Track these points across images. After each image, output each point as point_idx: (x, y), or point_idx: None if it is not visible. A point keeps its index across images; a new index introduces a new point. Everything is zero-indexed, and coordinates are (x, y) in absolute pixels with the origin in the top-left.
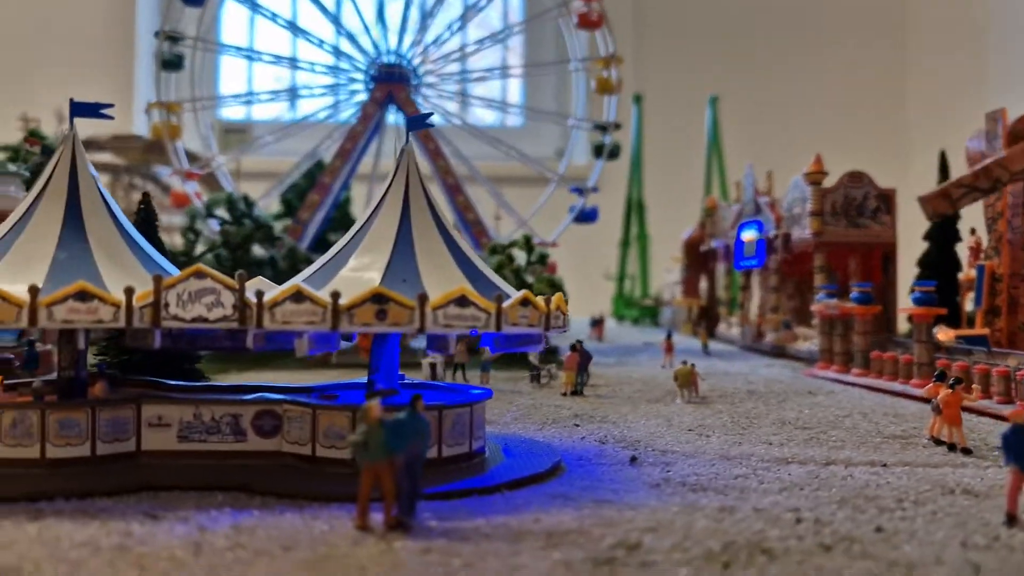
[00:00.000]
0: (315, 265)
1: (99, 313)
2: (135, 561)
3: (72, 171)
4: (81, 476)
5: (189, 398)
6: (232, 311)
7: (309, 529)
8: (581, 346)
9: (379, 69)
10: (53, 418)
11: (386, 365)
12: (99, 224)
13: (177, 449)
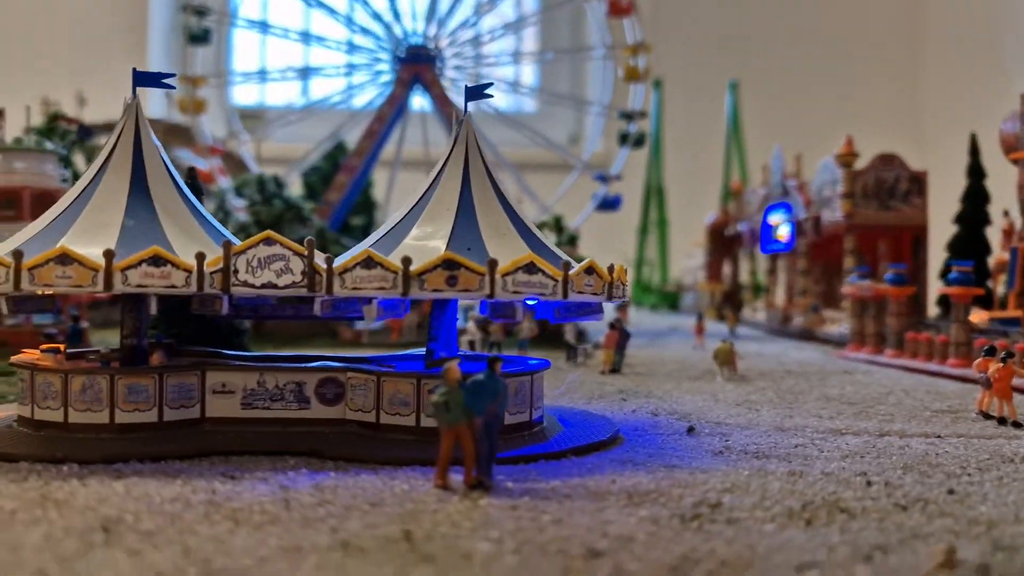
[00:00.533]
0: (377, 234)
1: (171, 278)
2: (228, 515)
3: (136, 140)
4: (149, 441)
5: (253, 365)
6: (301, 277)
7: (389, 488)
8: (620, 325)
9: (406, 50)
10: (122, 384)
11: (445, 333)
12: (164, 192)
13: (241, 416)
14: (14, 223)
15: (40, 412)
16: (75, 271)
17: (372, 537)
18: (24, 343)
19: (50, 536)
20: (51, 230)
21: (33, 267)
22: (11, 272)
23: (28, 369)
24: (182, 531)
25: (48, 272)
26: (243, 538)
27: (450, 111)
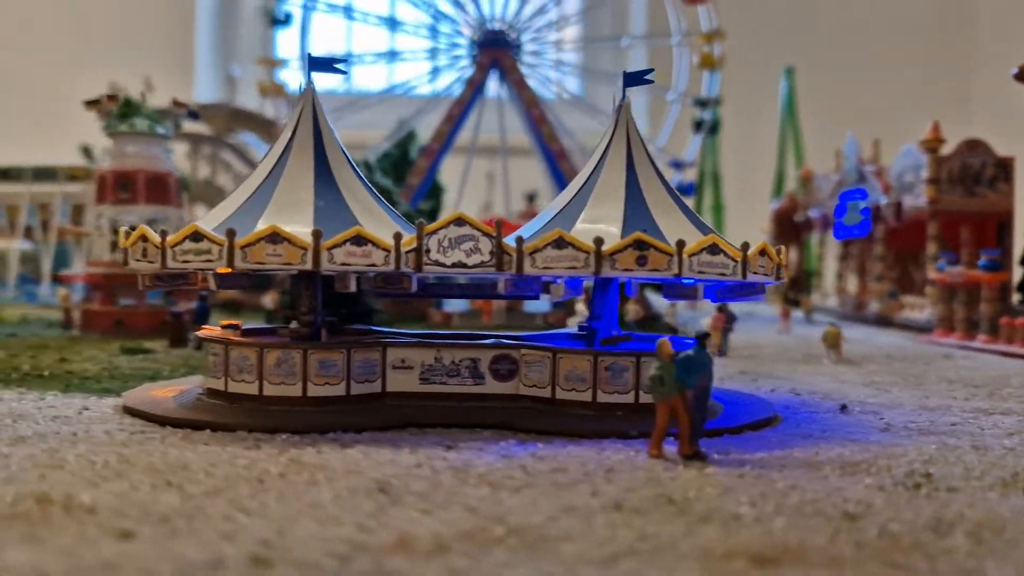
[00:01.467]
0: (543, 218)
1: (372, 257)
2: (480, 479)
3: (315, 124)
4: (338, 414)
5: (431, 342)
6: (489, 257)
7: (608, 458)
8: (727, 308)
9: (485, 35)
10: (314, 358)
11: (608, 312)
12: (346, 174)
13: (418, 391)
14: (129, 206)
15: (234, 385)
16: (285, 249)
17: (638, 499)
18: (139, 323)
19: (339, 496)
20: (247, 209)
21: (245, 245)
22: (225, 250)
23: (223, 344)
24: (450, 493)
25: (259, 250)
26: (515, 500)
27: (528, 96)
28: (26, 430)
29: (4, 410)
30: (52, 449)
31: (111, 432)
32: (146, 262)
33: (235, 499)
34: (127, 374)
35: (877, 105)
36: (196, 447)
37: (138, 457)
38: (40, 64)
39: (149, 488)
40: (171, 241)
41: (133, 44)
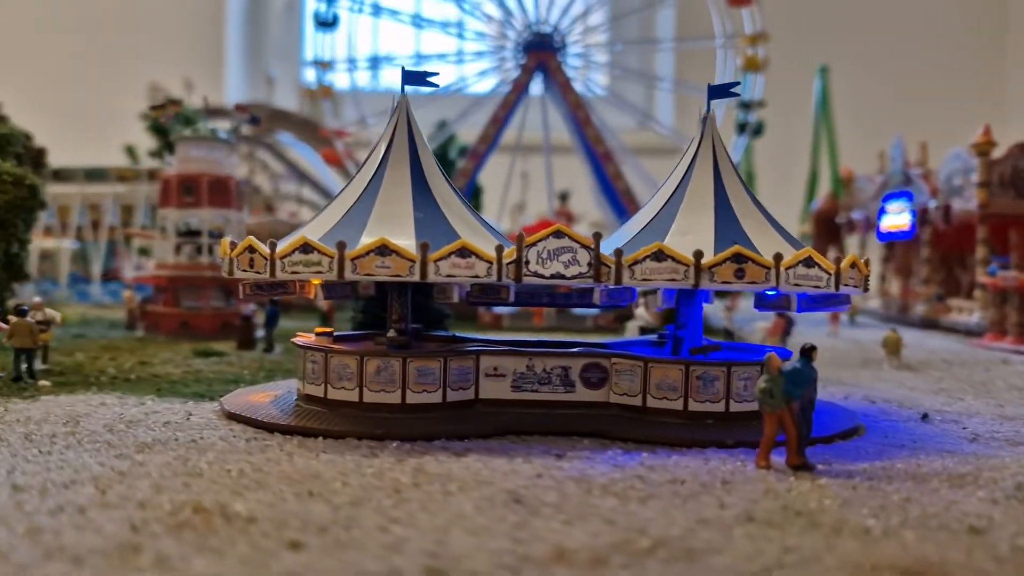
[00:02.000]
0: (633, 228)
1: (475, 268)
2: (603, 489)
3: (410, 136)
4: (439, 421)
5: (523, 351)
6: (587, 268)
7: (717, 469)
8: (786, 313)
9: (531, 37)
10: (413, 366)
11: (692, 322)
12: (441, 185)
13: (510, 398)
14: (193, 209)
15: (334, 392)
16: (393, 262)
17: (765, 511)
18: (204, 325)
19: (479, 507)
20: (349, 221)
21: (355, 257)
22: (335, 262)
23: (323, 352)
24: (581, 504)
25: (369, 263)
26: (645, 511)
27: (573, 99)
28: (145, 436)
29: (113, 415)
30: (182, 457)
31: (227, 439)
32: (253, 273)
33: (380, 509)
34: (211, 378)
35: (909, 105)
36: (317, 455)
37: (267, 465)
38: (80, 66)
39: (294, 498)
40: (280, 252)
41: (165, 44)
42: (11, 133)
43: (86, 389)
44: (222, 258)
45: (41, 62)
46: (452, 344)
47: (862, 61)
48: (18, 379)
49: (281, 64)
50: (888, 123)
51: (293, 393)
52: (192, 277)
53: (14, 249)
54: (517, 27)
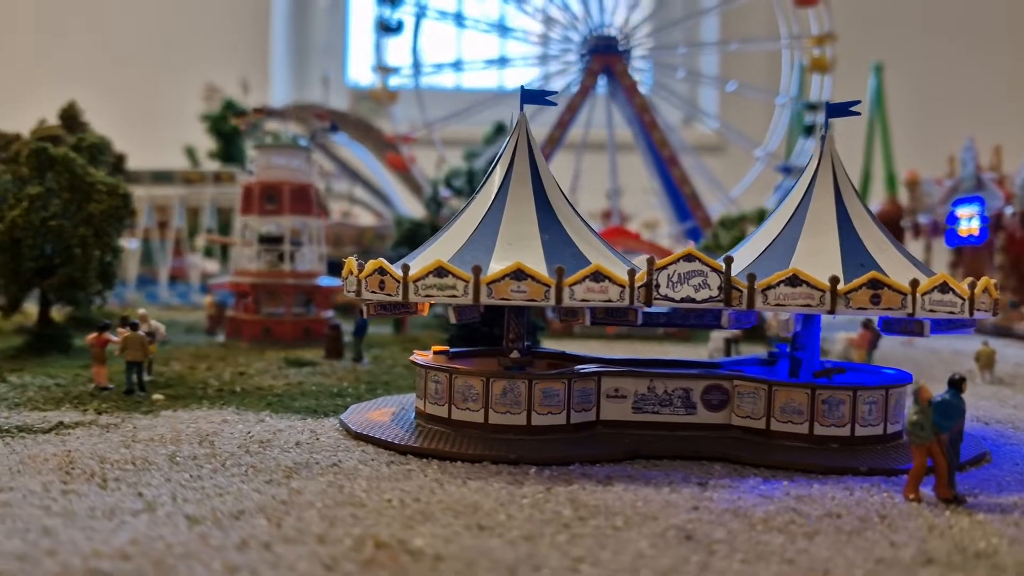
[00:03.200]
0: (753, 250)
1: (608, 292)
2: (766, 524)
3: (530, 155)
4: (564, 444)
5: (644, 371)
6: (718, 292)
7: (864, 500)
8: (872, 325)
9: (596, 41)
10: (538, 388)
11: (811, 344)
12: (563, 205)
13: (631, 420)
14: (275, 216)
15: (459, 413)
16: (529, 286)
17: (939, 552)
18: (285, 332)
19: (654, 545)
20: (476, 243)
21: (491, 281)
22: (471, 286)
23: (447, 372)
24: (751, 542)
25: (504, 287)
26: (817, 548)
27: (639, 101)
28: (284, 459)
29: (240, 433)
30: (335, 484)
31: (367, 463)
32: (383, 295)
33: (556, 545)
34: (315, 391)
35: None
36: (464, 482)
37: (422, 494)
38: (137, 70)
39: (465, 531)
40: (414, 276)
41: (213, 46)
42: (101, 142)
43: (198, 403)
44: (344, 278)
45: (99, 64)
46: (564, 362)
47: (927, 60)
48: (130, 392)
49: (326, 64)
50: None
51: (408, 410)
52: (274, 284)
53: (107, 258)
54: (582, 31)
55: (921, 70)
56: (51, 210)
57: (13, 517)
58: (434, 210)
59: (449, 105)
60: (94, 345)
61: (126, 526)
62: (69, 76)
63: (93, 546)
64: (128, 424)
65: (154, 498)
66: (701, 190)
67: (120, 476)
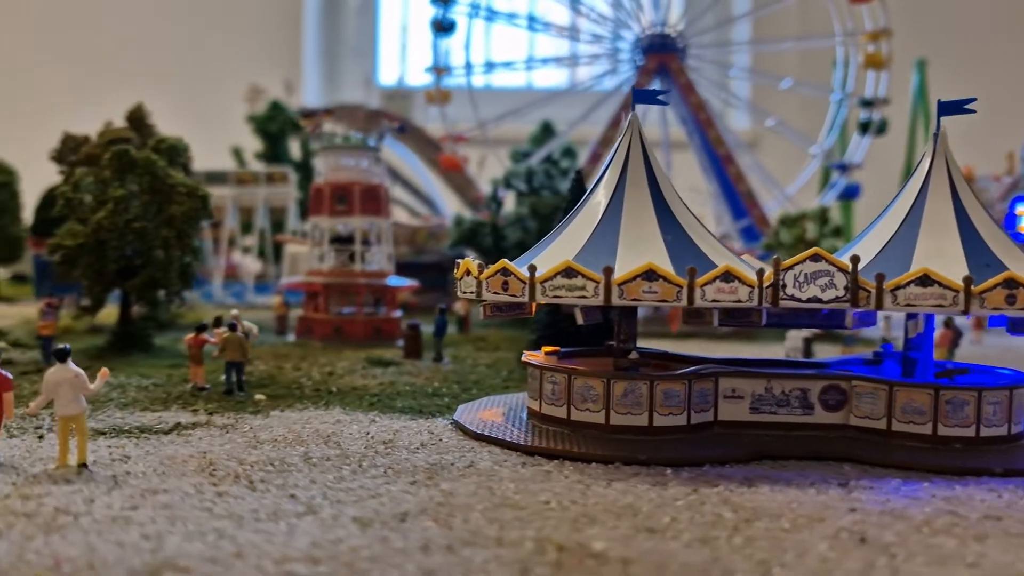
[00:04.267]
0: (866, 250)
1: (738, 293)
2: (927, 526)
3: (644, 155)
4: (688, 445)
5: (761, 372)
6: (844, 292)
7: (1017, 504)
8: (954, 323)
9: (652, 39)
10: (659, 389)
11: (926, 344)
12: (679, 205)
13: (748, 420)
14: (345, 217)
15: (578, 413)
16: (660, 287)
17: None
18: (356, 331)
19: (835, 548)
20: (597, 244)
21: (623, 282)
22: (601, 287)
23: (566, 374)
24: (923, 545)
25: (635, 287)
26: (992, 550)
27: (695, 100)
28: (417, 460)
29: (359, 433)
30: (483, 485)
31: (502, 464)
32: (507, 296)
33: (736, 549)
34: (410, 391)
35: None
36: (608, 484)
37: (574, 496)
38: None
39: (635, 533)
40: (542, 277)
41: (246, 49)
42: (178, 144)
43: (300, 403)
44: (459, 278)
45: (144, 68)
46: (668, 362)
47: (974, 56)
48: (229, 392)
49: (357, 65)
50: (1007, 123)
51: (516, 410)
52: (345, 283)
53: (187, 259)
54: (635, 29)
55: (974, 66)
56: (131, 212)
57: (181, 519)
58: (495, 210)
59: (497, 105)
60: (192, 346)
61: (297, 529)
62: (119, 80)
63: (278, 549)
64: (244, 424)
65: (308, 500)
66: (754, 188)
67: (265, 478)
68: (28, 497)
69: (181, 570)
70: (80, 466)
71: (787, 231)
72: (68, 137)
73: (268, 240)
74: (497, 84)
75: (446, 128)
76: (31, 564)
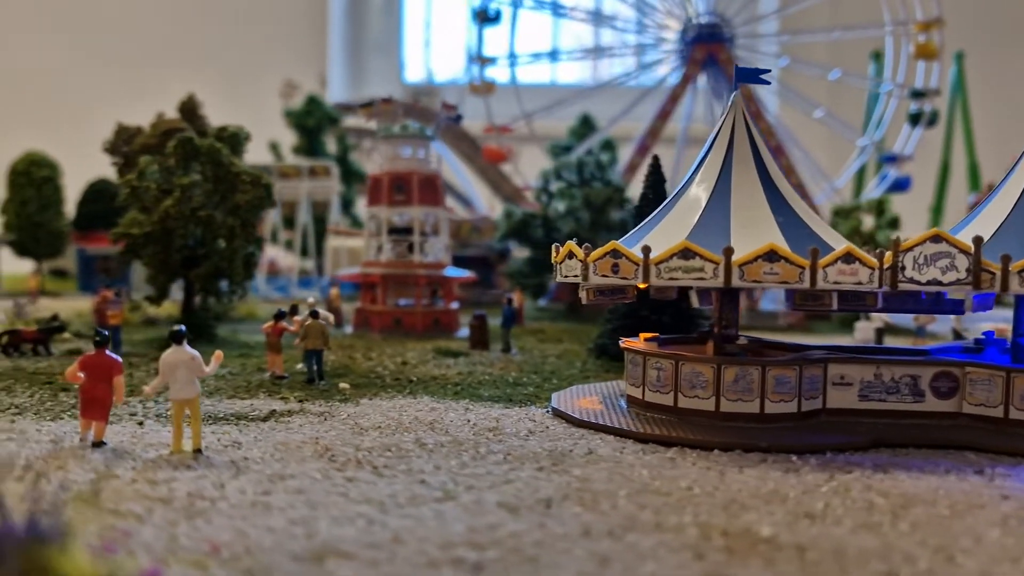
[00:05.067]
0: (982, 228)
1: (858, 275)
2: None
3: (750, 136)
4: (791, 432)
5: (870, 359)
6: (966, 274)
7: None
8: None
9: (699, 30)
10: (771, 375)
11: None
12: (786, 186)
13: (857, 408)
14: (403, 207)
15: (686, 400)
16: (782, 268)
17: None
18: (415, 323)
19: (1007, 534)
20: (707, 225)
21: (744, 263)
22: (721, 268)
23: (672, 360)
24: None
25: (757, 268)
26: None
27: (746, 91)
28: (533, 447)
29: (459, 421)
30: (614, 471)
31: (621, 451)
32: (617, 278)
33: (902, 533)
34: (490, 380)
35: None
36: (741, 470)
37: (712, 482)
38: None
39: (794, 519)
40: (656, 258)
41: (273, 44)
42: (240, 132)
43: (385, 392)
44: (559, 262)
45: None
46: (765, 349)
47: (1001, 45)
48: (311, 380)
49: (381, 60)
50: None
51: (611, 398)
52: (404, 275)
53: (250, 248)
54: (682, 19)
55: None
56: (194, 201)
57: (320, 504)
58: (546, 202)
59: (534, 99)
60: (270, 334)
61: (444, 515)
62: (154, 77)
63: (435, 534)
64: (339, 412)
65: (441, 485)
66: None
67: (388, 463)
68: (155, 482)
69: (344, 555)
70: (195, 451)
71: (843, 222)
72: (122, 128)
73: (311, 234)
74: (534, 79)
75: (490, 119)
76: (187, 549)
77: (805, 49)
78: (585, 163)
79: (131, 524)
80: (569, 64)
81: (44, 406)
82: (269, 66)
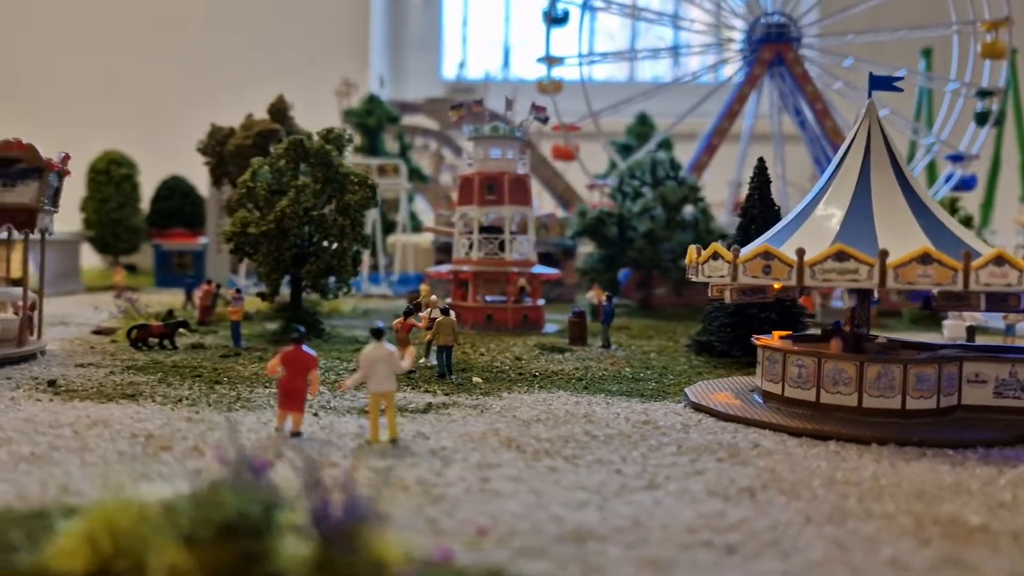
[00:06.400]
0: None
1: (1008, 277)
2: None
3: (885, 141)
4: (935, 427)
5: (1006, 356)
6: None
7: None
8: None
9: (767, 29)
10: (912, 372)
11: None
12: (923, 191)
13: (992, 405)
14: (495, 207)
15: (828, 396)
16: (935, 270)
17: None
18: (507, 319)
19: None
20: (851, 229)
21: (898, 265)
22: (875, 270)
23: (814, 357)
24: None
25: (911, 271)
26: None
27: (811, 90)
28: (695, 440)
29: (609, 415)
30: (795, 463)
31: (782, 444)
32: (769, 279)
33: None
34: (610, 376)
35: None
36: (909, 463)
37: (891, 475)
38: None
39: (990, 509)
40: (811, 260)
41: (316, 44)
42: (342, 134)
43: (516, 387)
44: (701, 263)
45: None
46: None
47: None
48: (442, 375)
49: (421, 58)
50: None
51: (743, 393)
52: (495, 272)
53: (357, 247)
54: (749, 19)
55: None
56: (304, 201)
57: (543, 492)
58: (621, 200)
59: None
60: (399, 330)
61: (663, 502)
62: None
63: (671, 520)
64: (491, 404)
65: (638, 475)
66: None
67: (575, 454)
68: (376, 470)
69: (600, 538)
70: (391, 441)
71: None
72: (215, 129)
73: (379, 231)
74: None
75: (559, 118)
76: (450, 532)
77: (852, 49)
78: (659, 162)
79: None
80: (631, 63)
81: (209, 398)
82: (313, 65)
